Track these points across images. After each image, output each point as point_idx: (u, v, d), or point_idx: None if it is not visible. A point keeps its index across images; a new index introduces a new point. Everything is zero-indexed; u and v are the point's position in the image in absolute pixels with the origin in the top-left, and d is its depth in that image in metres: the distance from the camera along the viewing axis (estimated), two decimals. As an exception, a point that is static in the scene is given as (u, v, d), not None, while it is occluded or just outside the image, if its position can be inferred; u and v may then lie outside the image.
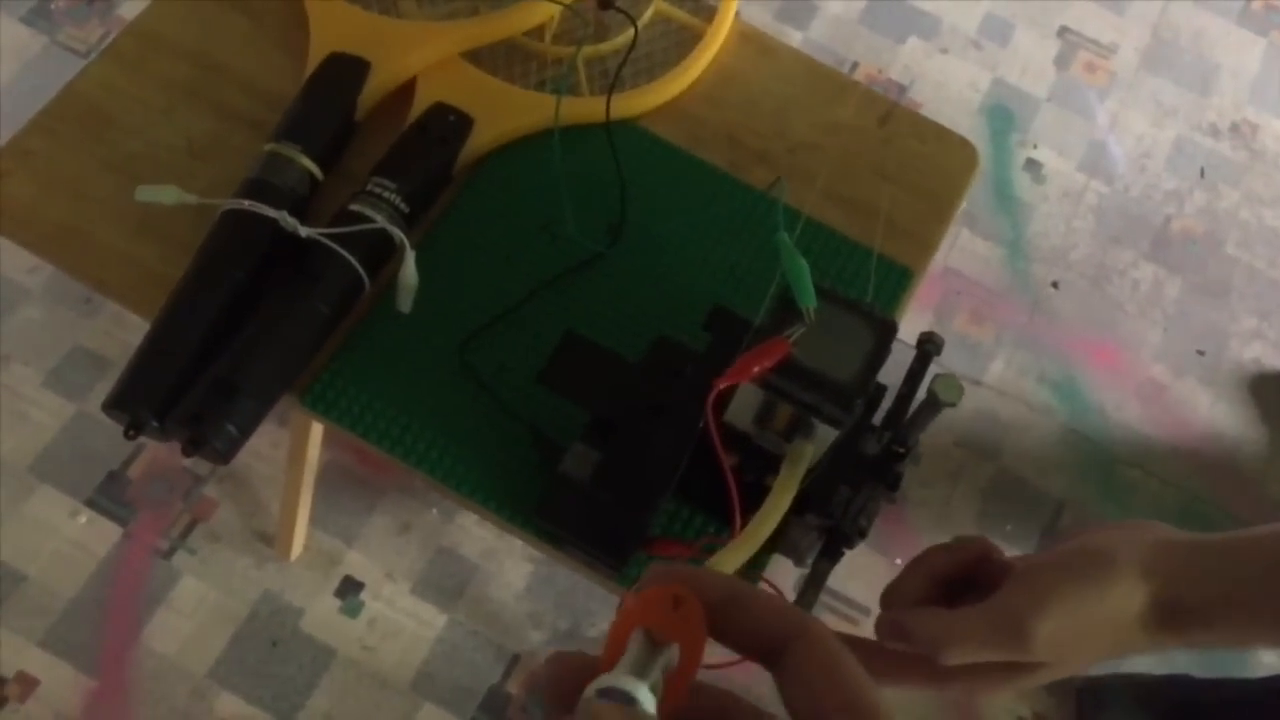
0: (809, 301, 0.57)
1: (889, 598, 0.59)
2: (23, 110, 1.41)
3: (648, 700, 0.30)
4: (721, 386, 0.56)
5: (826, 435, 0.59)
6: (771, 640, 0.31)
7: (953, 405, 0.56)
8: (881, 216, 0.81)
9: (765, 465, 0.62)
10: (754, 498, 0.60)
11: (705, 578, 0.32)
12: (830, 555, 0.63)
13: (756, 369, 0.56)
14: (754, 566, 0.67)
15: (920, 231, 0.82)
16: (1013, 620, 0.53)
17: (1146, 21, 1.72)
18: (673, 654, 0.31)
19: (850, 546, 0.63)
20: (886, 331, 0.59)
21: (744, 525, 0.60)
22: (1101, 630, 0.53)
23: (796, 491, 0.60)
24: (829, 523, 0.62)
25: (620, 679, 0.30)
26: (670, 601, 0.31)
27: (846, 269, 0.79)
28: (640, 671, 0.30)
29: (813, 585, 0.62)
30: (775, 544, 0.64)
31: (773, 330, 0.57)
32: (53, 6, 1.50)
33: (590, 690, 0.30)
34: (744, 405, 0.60)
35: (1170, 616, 0.53)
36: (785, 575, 1.08)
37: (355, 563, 1.24)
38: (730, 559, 0.59)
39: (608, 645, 0.32)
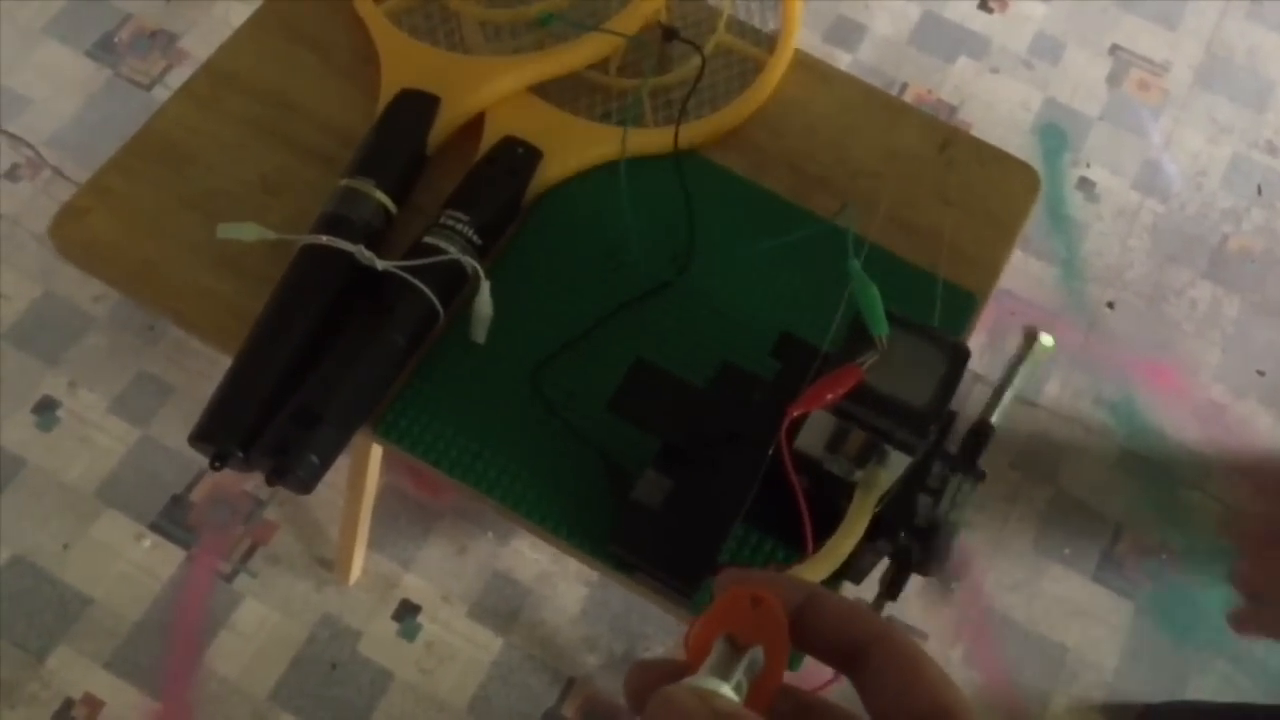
0: (881, 329, 0.57)
1: None
2: (88, 142, 1.46)
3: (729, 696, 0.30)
4: (796, 414, 0.56)
5: (899, 461, 0.59)
6: (851, 644, 0.31)
7: (1049, 351, 0.60)
8: (945, 241, 0.81)
9: (835, 490, 0.62)
10: (824, 524, 0.61)
11: (782, 582, 0.32)
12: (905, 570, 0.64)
13: (830, 396, 0.56)
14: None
15: (983, 255, 0.82)
16: None
17: (1200, 38, 1.70)
18: (757, 656, 0.31)
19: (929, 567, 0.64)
20: (959, 356, 0.59)
21: (816, 549, 0.60)
22: None
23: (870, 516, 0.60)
24: (903, 546, 0.62)
25: (702, 680, 0.30)
26: (749, 603, 0.31)
27: (911, 294, 0.79)
28: (723, 674, 0.30)
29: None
30: (843, 570, 0.65)
31: (844, 357, 0.57)
32: (116, 40, 1.54)
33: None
34: (815, 431, 0.60)
35: None
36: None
37: (412, 586, 1.25)
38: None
39: (691, 652, 0.31)
